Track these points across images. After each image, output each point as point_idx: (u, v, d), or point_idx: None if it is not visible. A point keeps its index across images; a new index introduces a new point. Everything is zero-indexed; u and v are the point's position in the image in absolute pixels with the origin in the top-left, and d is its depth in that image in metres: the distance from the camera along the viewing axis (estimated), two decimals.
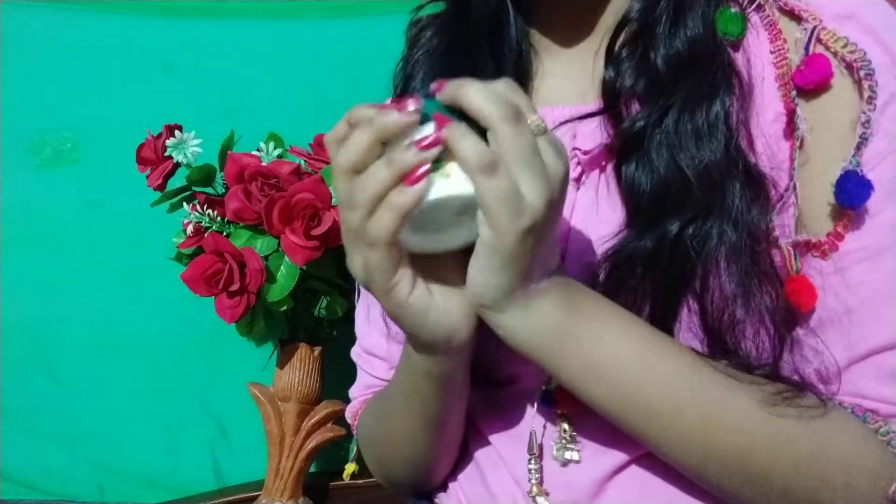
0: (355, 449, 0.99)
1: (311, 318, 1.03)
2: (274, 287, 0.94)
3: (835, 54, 0.50)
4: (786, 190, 0.50)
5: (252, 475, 1.12)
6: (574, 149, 0.56)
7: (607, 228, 0.53)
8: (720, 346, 0.50)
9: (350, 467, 0.97)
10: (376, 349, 0.72)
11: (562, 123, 0.56)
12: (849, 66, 0.49)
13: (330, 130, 0.45)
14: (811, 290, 0.50)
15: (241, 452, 1.17)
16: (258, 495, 1.02)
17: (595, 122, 0.55)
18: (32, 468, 1.17)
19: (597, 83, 0.56)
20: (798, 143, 0.50)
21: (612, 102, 0.54)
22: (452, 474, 0.66)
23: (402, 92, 0.65)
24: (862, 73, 0.49)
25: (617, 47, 0.54)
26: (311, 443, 1.01)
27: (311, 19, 1.20)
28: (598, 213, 0.54)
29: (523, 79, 0.61)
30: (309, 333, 1.04)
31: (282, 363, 1.03)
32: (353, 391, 0.76)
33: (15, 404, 1.17)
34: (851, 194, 0.48)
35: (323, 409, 1.02)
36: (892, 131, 0.49)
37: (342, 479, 1.07)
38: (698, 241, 0.49)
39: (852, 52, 0.49)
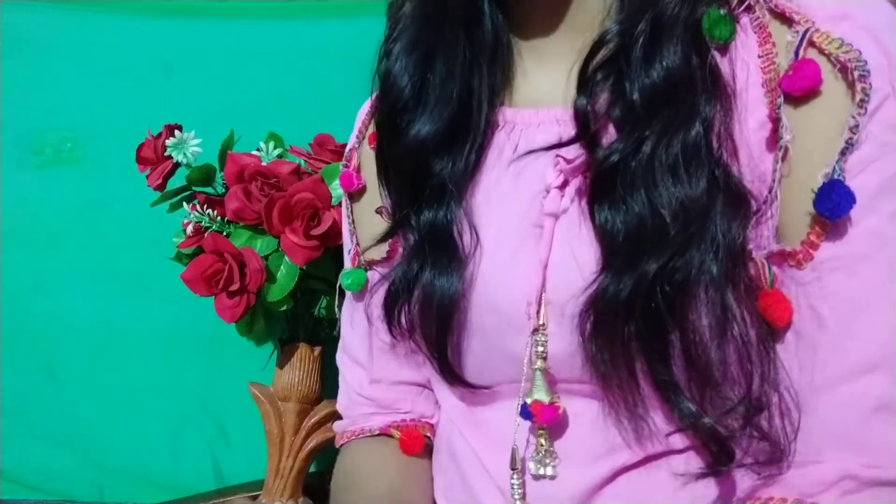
0: None
1: (311, 318, 1.03)
2: (274, 287, 0.94)
3: (828, 56, 0.47)
4: (765, 202, 0.48)
5: (252, 475, 1.12)
6: (557, 155, 0.54)
7: (589, 250, 0.51)
8: (706, 381, 0.47)
9: None
10: (359, 354, 0.72)
11: (543, 149, 0.55)
12: (843, 68, 0.47)
13: None
14: (786, 305, 0.48)
15: (241, 452, 1.17)
16: (258, 495, 1.02)
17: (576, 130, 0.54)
18: (32, 468, 1.17)
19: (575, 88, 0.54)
20: (781, 154, 0.48)
21: (583, 130, 0.52)
22: (441, 487, 0.66)
23: (382, 77, 0.62)
24: (856, 75, 0.46)
25: (591, 69, 0.52)
26: (311, 443, 1.01)
27: (311, 19, 1.20)
28: (580, 235, 0.53)
29: (501, 76, 0.60)
30: (309, 333, 1.04)
31: (282, 363, 1.03)
32: (339, 405, 0.76)
33: (15, 404, 1.17)
34: (833, 205, 0.46)
35: (323, 409, 1.02)
36: (880, 137, 0.46)
37: None
38: (679, 276, 0.47)
39: (847, 52, 0.47)
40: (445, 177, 0.58)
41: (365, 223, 0.69)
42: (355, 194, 0.70)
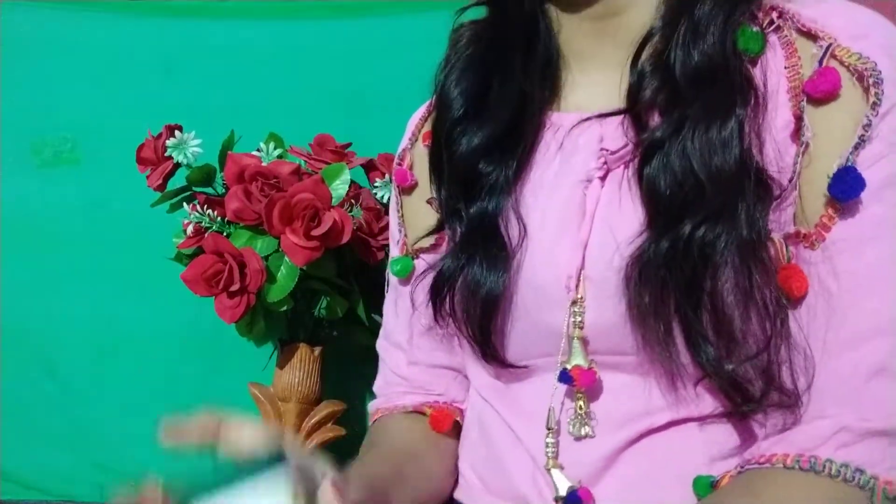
0: None
1: (311, 319, 1.03)
2: (274, 287, 0.94)
3: (847, 67, 0.54)
4: (786, 190, 0.55)
5: None
6: (602, 149, 0.60)
7: (628, 226, 0.57)
8: (729, 338, 0.53)
9: None
10: (400, 339, 0.76)
11: (591, 118, 0.62)
12: (860, 76, 0.53)
13: None
14: (802, 277, 0.54)
15: None
16: None
17: (619, 127, 0.60)
18: (32, 468, 1.17)
19: (623, 93, 0.60)
20: (803, 148, 0.54)
21: (633, 107, 0.59)
22: (464, 458, 0.70)
23: (439, 93, 0.70)
24: (871, 81, 0.53)
25: (641, 60, 0.59)
26: (311, 443, 1.01)
27: (311, 19, 1.20)
28: (620, 211, 0.58)
29: (551, 87, 0.66)
30: (309, 333, 1.04)
31: (282, 363, 1.03)
32: (376, 386, 0.80)
33: (15, 404, 1.17)
34: (846, 188, 0.52)
35: (323, 409, 1.02)
36: (888, 138, 0.53)
37: None
38: (709, 243, 0.53)
39: (864, 63, 0.53)
40: (496, 175, 0.65)
41: (414, 216, 0.76)
42: (407, 189, 0.76)
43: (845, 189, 0.52)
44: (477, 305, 0.62)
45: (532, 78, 0.64)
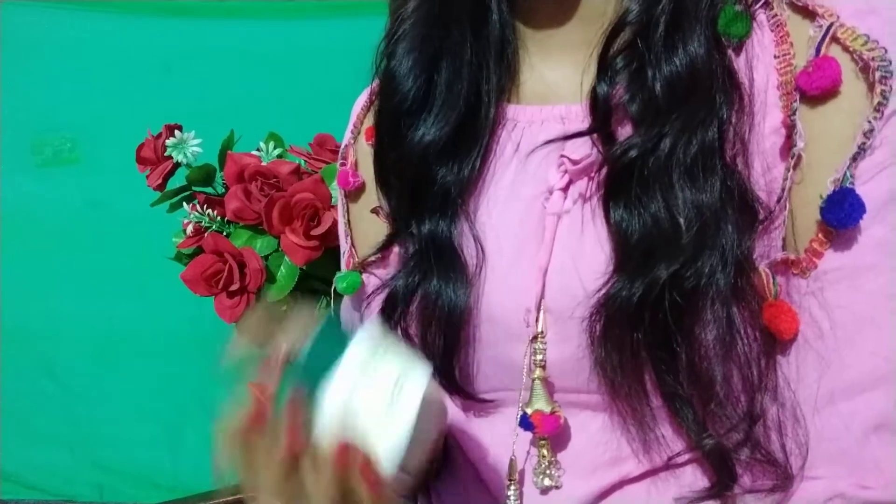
0: None
1: None
2: (274, 287, 0.94)
3: (851, 54, 0.45)
4: (773, 211, 0.46)
5: None
6: (562, 156, 0.51)
7: (592, 262, 0.49)
8: (709, 397, 0.46)
9: None
10: None
11: (550, 142, 0.52)
12: (865, 67, 0.44)
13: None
14: (791, 316, 0.45)
15: None
16: None
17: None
18: (32, 468, 1.18)
19: (587, 82, 0.51)
20: (793, 162, 0.46)
21: (599, 122, 0.50)
22: (437, 494, 0.64)
23: (381, 78, 0.59)
24: (877, 76, 0.44)
25: (611, 54, 0.49)
26: None
27: (311, 19, 1.20)
28: (581, 240, 0.50)
29: (507, 72, 0.56)
30: None
31: None
32: None
33: (15, 404, 1.17)
34: (844, 215, 0.44)
35: None
36: (894, 141, 0.44)
37: None
38: (689, 285, 0.45)
39: (872, 49, 0.44)
40: (449, 184, 0.56)
41: (361, 224, 0.66)
42: (352, 193, 0.67)
43: (841, 216, 0.44)
44: (437, 333, 0.54)
45: (486, 62, 0.55)
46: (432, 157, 0.56)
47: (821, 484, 0.45)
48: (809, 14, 0.47)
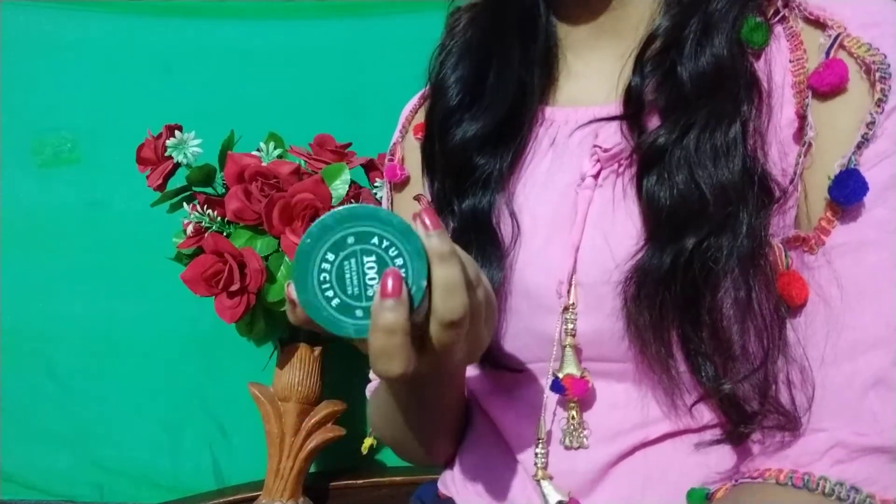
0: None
1: None
2: (274, 287, 0.94)
3: (856, 59, 0.52)
4: (787, 192, 0.53)
5: (252, 475, 1.12)
6: (595, 146, 0.58)
7: (623, 233, 0.55)
8: (727, 354, 0.51)
9: (368, 441, 0.97)
10: None
11: (585, 124, 0.59)
12: (867, 69, 0.51)
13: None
14: (802, 283, 0.52)
15: (240, 452, 1.17)
16: (258, 495, 1.02)
17: (615, 123, 0.58)
18: (32, 468, 1.17)
19: (621, 86, 0.58)
20: (805, 147, 0.52)
21: (632, 110, 0.57)
22: (459, 459, 0.69)
23: (434, 80, 0.67)
24: (878, 76, 0.51)
25: (646, 57, 0.57)
26: (311, 443, 1.01)
27: (311, 19, 1.20)
28: (613, 217, 0.56)
29: (548, 77, 0.64)
30: (309, 333, 1.04)
31: (282, 363, 1.03)
32: (369, 388, 0.78)
33: (15, 404, 1.17)
34: (848, 192, 0.50)
35: (323, 409, 1.02)
36: (894, 135, 0.51)
37: (342, 479, 1.07)
38: (711, 256, 0.51)
39: (874, 55, 0.51)
40: (489, 169, 0.63)
41: (406, 213, 0.73)
42: (398, 185, 0.74)
43: (847, 193, 0.50)
44: None
45: (531, 68, 0.63)
46: (476, 148, 0.63)
47: (824, 435, 0.50)
48: (821, 25, 0.54)
